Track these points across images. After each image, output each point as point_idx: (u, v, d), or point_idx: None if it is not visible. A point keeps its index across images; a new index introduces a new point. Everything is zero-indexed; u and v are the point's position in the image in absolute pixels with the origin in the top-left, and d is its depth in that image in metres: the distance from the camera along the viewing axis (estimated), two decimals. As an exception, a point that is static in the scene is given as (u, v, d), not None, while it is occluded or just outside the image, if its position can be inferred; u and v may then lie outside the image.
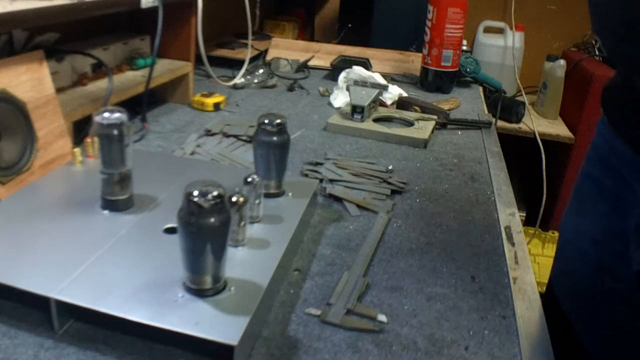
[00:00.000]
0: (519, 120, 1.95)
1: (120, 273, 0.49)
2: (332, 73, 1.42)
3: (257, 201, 0.59)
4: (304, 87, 1.34)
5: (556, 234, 1.91)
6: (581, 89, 1.91)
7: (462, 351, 0.49)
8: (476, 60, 1.50)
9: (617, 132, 0.61)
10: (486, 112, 1.29)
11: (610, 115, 0.64)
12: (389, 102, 1.21)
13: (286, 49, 1.61)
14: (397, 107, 1.19)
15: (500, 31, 2.12)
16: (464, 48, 1.79)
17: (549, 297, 0.72)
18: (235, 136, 0.95)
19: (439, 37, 1.34)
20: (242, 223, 0.54)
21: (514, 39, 2.06)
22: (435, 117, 1.10)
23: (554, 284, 0.73)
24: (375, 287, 0.57)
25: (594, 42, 2.19)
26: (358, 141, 1.00)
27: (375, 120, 1.07)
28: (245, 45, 1.42)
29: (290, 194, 0.67)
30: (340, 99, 1.21)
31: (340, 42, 1.78)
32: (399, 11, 1.68)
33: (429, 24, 1.36)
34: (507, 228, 0.73)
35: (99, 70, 0.95)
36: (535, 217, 1.94)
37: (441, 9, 1.32)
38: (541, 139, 1.89)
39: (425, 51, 1.39)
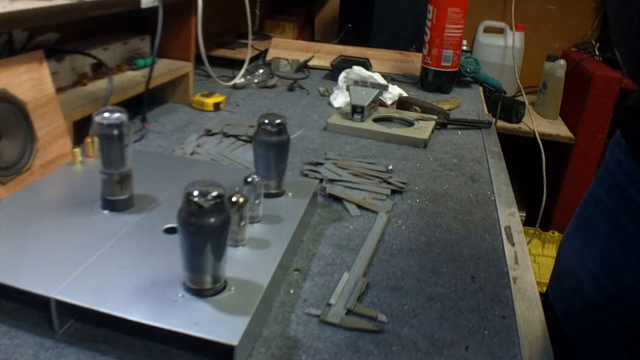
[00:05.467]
0: (519, 120, 1.95)
1: (120, 273, 0.49)
2: (332, 73, 1.42)
3: (257, 201, 0.59)
4: (304, 87, 1.34)
5: (556, 233, 1.91)
6: (581, 89, 1.91)
7: (462, 351, 0.49)
8: (476, 60, 1.50)
9: (638, 161, 0.53)
10: (486, 112, 1.29)
11: (631, 140, 0.55)
12: (389, 102, 1.21)
13: (286, 49, 1.61)
14: (397, 107, 1.19)
15: (500, 31, 2.12)
16: (464, 48, 1.80)
17: (548, 312, 0.69)
18: (235, 136, 0.95)
19: (439, 37, 1.34)
20: (242, 223, 0.54)
21: (514, 39, 2.06)
22: (435, 117, 1.10)
23: (552, 302, 0.68)
24: (375, 287, 0.57)
25: (594, 42, 2.19)
26: (358, 141, 1.00)
27: (375, 120, 1.07)
28: (245, 45, 1.42)
29: (290, 194, 0.67)
30: (340, 99, 1.21)
31: (340, 42, 1.78)
32: (399, 11, 1.68)
33: (429, 24, 1.36)
34: (507, 228, 0.73)
35: (99, 70, 0.95)
36: (535, 217, 1.94)
37: (441, 9, 1.32)
38: (541, 139, 1.89)
39: (425, 51, 1.39)
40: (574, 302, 0.63)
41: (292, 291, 0.55)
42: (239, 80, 1.29)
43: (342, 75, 1.27)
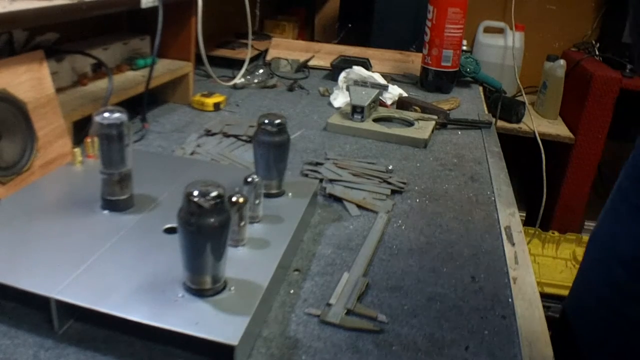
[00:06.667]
0: (519, 120, 1.95)
1: (120, 273, 0.49)
2: (332, 73, 1.42)
3: (257, 201, 0.59)
4: (304, 87, 1.34)
5: (556, 233, 1.91)
6: (581, 89, 1.91)
7: (462, 351, 0.49)
8: (476, 60, 1.50)
9: None
10: (486, 112, 1.29)
11: None
12: (389, 102, 1.21)
13: (286, 49, 1.61)
14: (397, 107, 1.19)
15: (500, 31, 2.12)
16: (464, 48, 1.80)
17: (562, 319, 0.69)
18: (235, 136, 0.95)
19: (439, 37, 1.34)
20: (242, 223, 0.54)
21: (514, 39, 2.06)
22: (435, 117, 1.10)
23: (570, 300, 0.70)
24: (375, 287, 0.57)
25: (593, 42, 2.19)
26: (358, 141, 1.00)
27: (375, 120, 1.07)
28: (245, 45, 1.42)
29: (290, 194, 0.67)
30: (340, 99, 1.21)
31: (340, 42, 1.78)
32: (399, 11, 1.68)
33: (429, 24, 1.36)
34: (507, 228, 0.73)
35: (99, 70, 0.95)
36: (535, 217, 1.94)
37: (441, 9, 1.32)
38: (541, 139, 1.89)
39: (425, 51, 1.39)
40: (602, 294, 0.64)
41: (292, 291, 0.55)
42: (239, 80, 1.29)
43: (342, 75, 1.27)
